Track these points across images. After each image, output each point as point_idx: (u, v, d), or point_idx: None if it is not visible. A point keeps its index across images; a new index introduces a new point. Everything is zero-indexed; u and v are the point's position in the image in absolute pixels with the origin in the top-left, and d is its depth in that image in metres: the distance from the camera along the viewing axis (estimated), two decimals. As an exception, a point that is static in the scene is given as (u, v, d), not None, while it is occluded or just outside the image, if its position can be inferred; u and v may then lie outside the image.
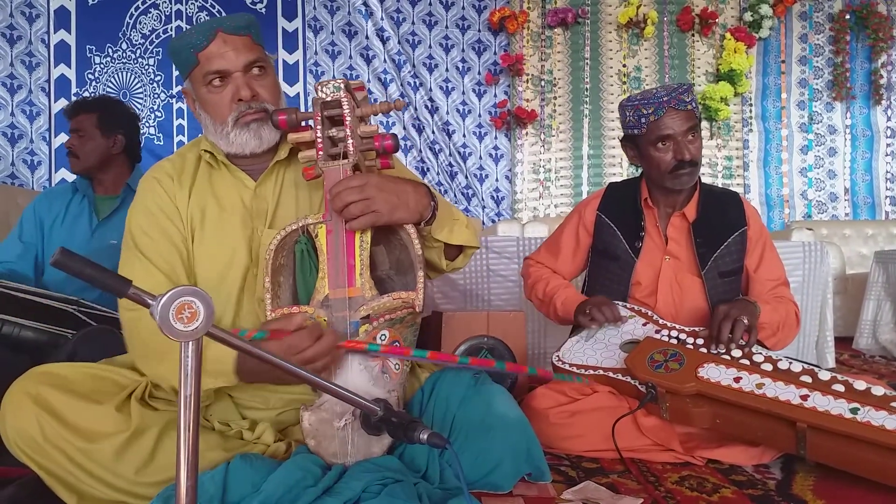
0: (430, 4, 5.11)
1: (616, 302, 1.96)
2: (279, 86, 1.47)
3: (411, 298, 1.27)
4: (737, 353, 1.68)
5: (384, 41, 5.02)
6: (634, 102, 1.87)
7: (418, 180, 1.40)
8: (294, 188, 1.47)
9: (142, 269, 1.37)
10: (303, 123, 1.33)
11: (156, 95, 4.71)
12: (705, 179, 1.93)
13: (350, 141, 1.29)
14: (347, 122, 1.29)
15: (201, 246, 1.41)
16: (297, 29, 4.94)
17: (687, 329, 1.81)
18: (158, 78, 4.72)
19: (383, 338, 1.27)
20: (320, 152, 1.29)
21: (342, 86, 1.27)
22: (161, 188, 1.43)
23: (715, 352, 1.70)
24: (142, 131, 4.75)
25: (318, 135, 1.29)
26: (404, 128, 5.05)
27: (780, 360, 1.64)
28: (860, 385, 1.51)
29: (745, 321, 1.68)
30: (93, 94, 4.33)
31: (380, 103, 1.33)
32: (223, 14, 4.76)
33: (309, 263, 1.36)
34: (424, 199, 1.32)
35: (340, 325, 1.26)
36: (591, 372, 1.80)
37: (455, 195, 5.14)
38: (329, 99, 1.27)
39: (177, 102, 4.73)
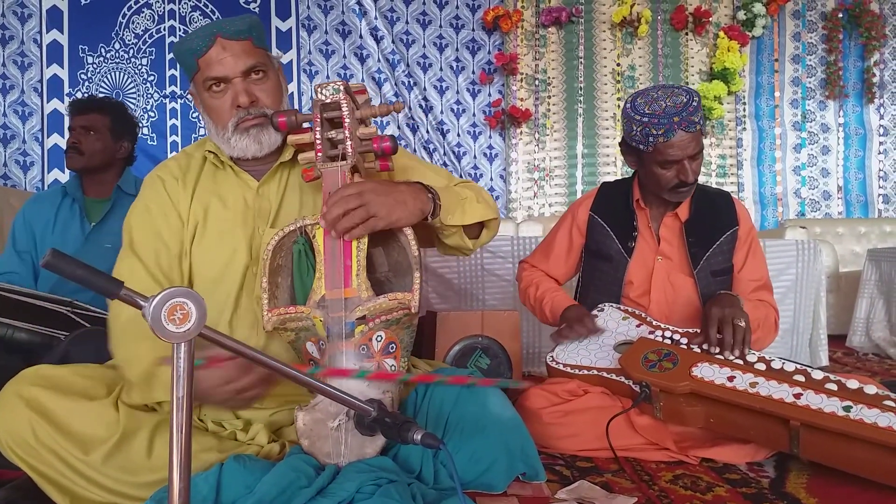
0: (424, 4, 5.10)
1: (611, 304, 1.96)
2: (282, 88, 1.46)
3: (407, 300, 1.27)
4: (730, 355, 1.67)
5: (378, 40, 5.01)
6: (643, 119, 1.78)
7: (412, 178, 1.39)
8: (298, 189, 1.48)
9: (129, 266, 1.39)
10: (304, 125, 1.34)
11: (149, 95, 4.69)
12: (699, 178, 1.92)
13: (349, 143, 1.29)
14: (346, 124, 1.29)
15: (202, 244, 1.42)
16: (290, 28, 4.92)
17: (681, 330, 1.81)
18: (152, 78, 4.69)
19: (379, 339, 1.28)
20: (319, 154, 1.30)
21: (342, 88, 1.27)
22: (163, 188, 1.45)
23: (715, 352, 1.68)
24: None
25: (318, 136, 1.29)
26: (399, 127, 5.04)
27: (774, 359, 1.64)
28: (853, 384, 1.52)
29: (742, 323, 1.68)
30: (103, 95, 4.27)
31: (379, 105, 1.33)
32: (216, 14, 4.74)
33: (306, 264, 1.36)
34: (422, 195, 1.31)
35: (336, 326, 1.26)
36: (586, 372, 1.81)
37: (450, 194, 5.13)
38: (328, 101, 1.28)
39: (170, 102, 4.71)
